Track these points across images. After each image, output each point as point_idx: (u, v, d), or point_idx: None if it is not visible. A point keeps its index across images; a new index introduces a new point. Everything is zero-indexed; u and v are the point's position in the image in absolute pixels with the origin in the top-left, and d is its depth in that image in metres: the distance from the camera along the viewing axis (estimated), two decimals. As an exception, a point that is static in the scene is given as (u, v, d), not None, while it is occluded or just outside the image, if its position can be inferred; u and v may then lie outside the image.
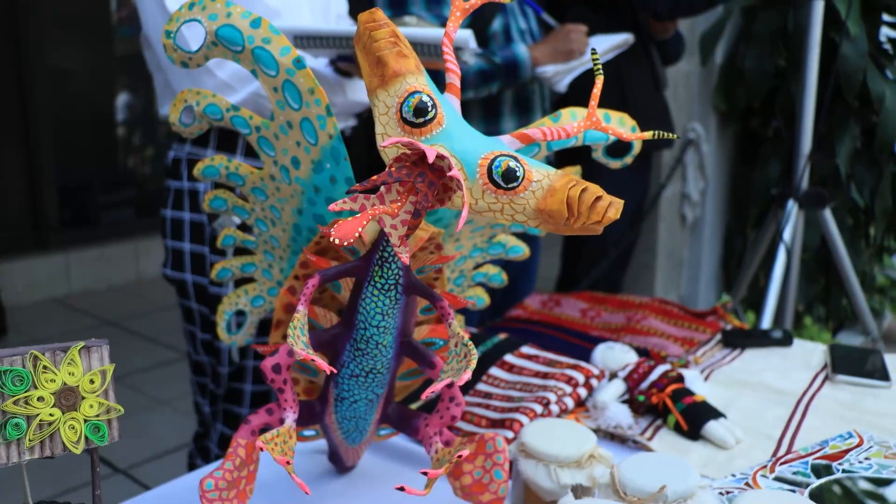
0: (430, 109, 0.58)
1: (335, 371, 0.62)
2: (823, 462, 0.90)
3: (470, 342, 0.59)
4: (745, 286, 2.56)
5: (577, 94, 1.62)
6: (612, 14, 2.09)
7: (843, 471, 0.89)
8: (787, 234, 2.32)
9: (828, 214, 2.43)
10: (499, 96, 1.71)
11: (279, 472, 0.80)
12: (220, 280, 0.87)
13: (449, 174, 0.54)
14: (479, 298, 0.95)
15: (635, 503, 0.64)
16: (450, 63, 0.62)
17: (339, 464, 0.85)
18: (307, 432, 0.84)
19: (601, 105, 0.67)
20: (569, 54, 1.64)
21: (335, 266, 0.66)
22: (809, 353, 1.31)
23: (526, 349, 1.10)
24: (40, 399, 0.58)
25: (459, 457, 0.61)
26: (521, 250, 0.93)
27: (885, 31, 3.44)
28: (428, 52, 1.20)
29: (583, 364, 1.05)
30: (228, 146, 1.26)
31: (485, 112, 1.72)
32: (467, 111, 1.67)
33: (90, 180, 4.91)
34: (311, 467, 0.89)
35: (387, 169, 0.56)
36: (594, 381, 1.03)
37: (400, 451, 0.93)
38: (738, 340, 1.33)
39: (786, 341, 1.35)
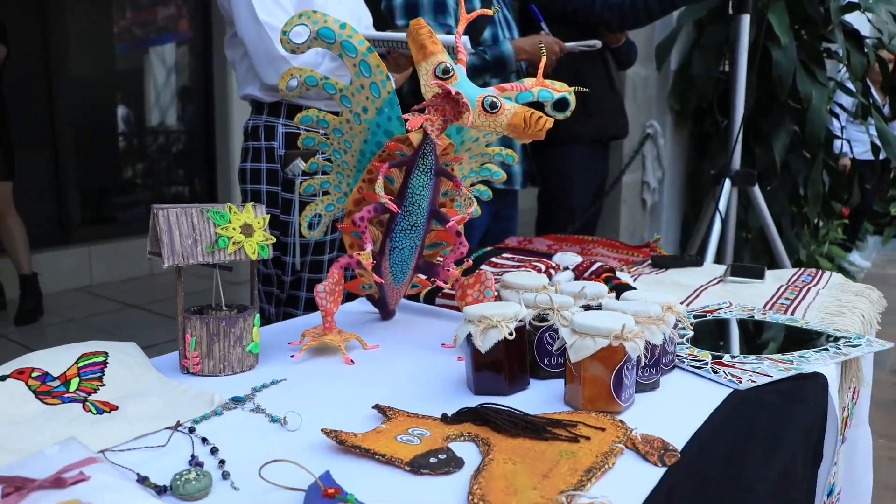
0: (450, 70, 1.06)
1: (397, 211, 1.10)
2: (702, 312, 1.39)
3: (472, 197, 1.06)
4: (693, 251, 3.07)
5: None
6: (574, 27, 2.61)
7: (713, 316, 1.37)
8: (721, 205, 2.82)
9: (756, 191, 2.93)
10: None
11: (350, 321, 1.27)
12: (307, 193, 1.34)
13: (462, 102, 1.02)
14: (484, 191, 1.40)
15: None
16: (460, 52, 1.11)
17: (384, 308, 1.32)
18: (364, 286, 1.31)
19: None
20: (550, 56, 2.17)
21: (394, 160, 1.14)
22: (714, 269, 1.80)
23: (506, 253, 1.58)
24: (234, 228, 1.06)
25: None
26: (500, 174, 1.40)
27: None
28: (399, 45, 1.71)
29: (545, 259, 1.53)
30: (293, 114, 1.74)
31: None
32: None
33: (107, 183, 5.36)
34: (364, 318, 1.36)
35: (428, 99, 1.04)
36: (552, 272, 1.51)
37: (424, 313, 1.40)
38: (662, 261, 1.82)
39: (698, 262, 1.84)
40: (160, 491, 0.72)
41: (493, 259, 1.56)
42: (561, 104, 1.28)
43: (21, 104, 4.54)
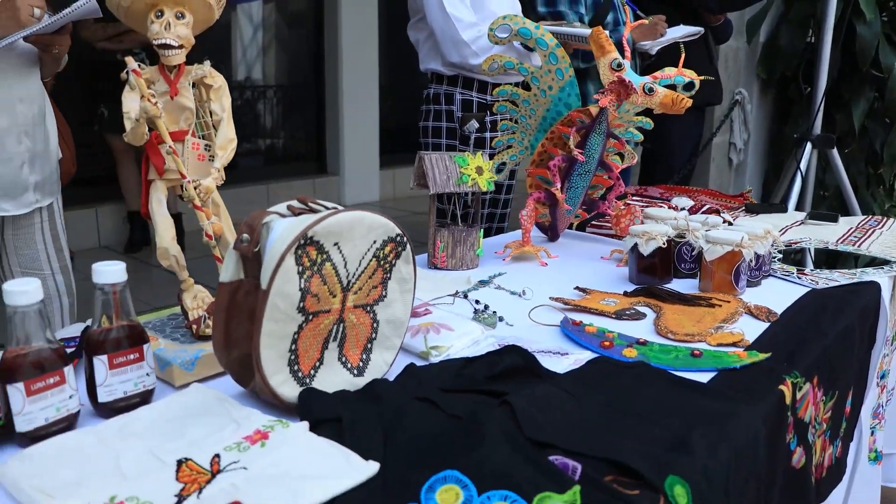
0: (622, 64, 1.53)
1: (582, 160, 1.58)
2: (789, 242, 1.85)
3: (633, 152, 1.55)
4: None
5: (660, 58, 2.59)
6: (678, 7, 3.03)
7: (797, 245, 1.82)
8: (802, 165, 3.22)
9: (835, 153, 3.31)
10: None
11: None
12: (497, 147, 1.83)
13: (631, 86, 1.50)
14: (637, 135, 1.86)
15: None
16: (626, 50, 1.58)
17: (554, 232, 1.82)
18: (541, 214, 1.80)
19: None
20: (655, 34, 2.60)
21: (577, 125, 1.62)
22: (797, 214, 2.25)
23: (634, 196, 2.06)
24: (472, 169, 1.56)
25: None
26: (639, 136, 1.87)
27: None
28: (581, 41, 2.17)
29: (665, 202, 2.00)
30: (467, 85, 2.25)
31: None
32: (590, 72, 2.64)
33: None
34: (537, 240, 1.86)
35: (607, 85, 1.52)
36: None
37: (579, 237, 1.89)
38: (754, 208, 2.27)
39: (783, 209, 2.28)
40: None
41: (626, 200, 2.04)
42: (689, 86, 1.74)
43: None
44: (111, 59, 4.45)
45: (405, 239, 0.98)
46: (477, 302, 1.34)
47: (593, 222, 1.93)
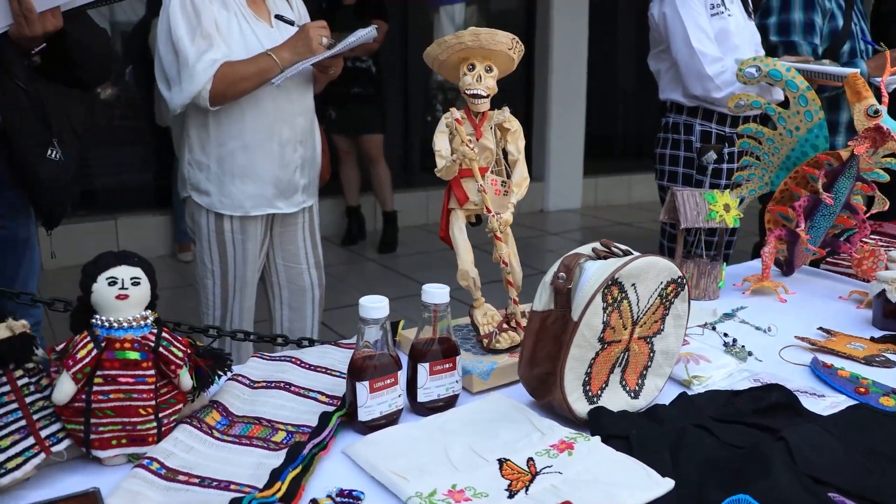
0: (879, 110, 1.56)
1: (831, 203, 1.63)
2: None
3: (885, 198, 1.58)
4: None
5: None
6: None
7: None
8: None
9: None
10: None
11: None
12: (735, 182, 1.89)
13: (888, 134, 1.53)
14: (882, 175, 1.87)
15: None
16: (884, 95, 1.60)
17: (790, 267, 1.86)
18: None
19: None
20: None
21: (825, 168, 1.66)
22: None
23: (872, 235, 2.05)
24: (720, 206, 1.65)
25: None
26: (885, 177, 1.88)
27: None
28: (830, 78, 2.18)
29: (907, 243, 1.98)
30: (707, 116, 2.33)
31: (829, 103, 2.66)
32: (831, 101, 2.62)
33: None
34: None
35: (861, 133, 1.56)
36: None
37: (813, 273, 1.92)
38: None
39: None
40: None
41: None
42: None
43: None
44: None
45: (684, 280, 1.10)
46: (725, 335, 1.43)
47: (829, 259, 1.95)
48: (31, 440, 0.89)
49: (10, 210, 1.73)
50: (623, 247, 1.08)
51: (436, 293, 1.10)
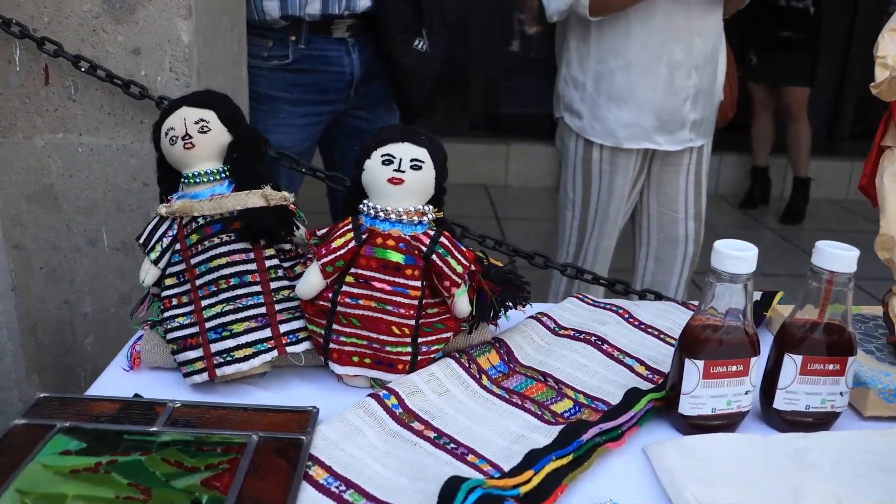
0: None
1: None
2: None
3: None
4: None
5: None
6: None
7: None
8: None
9: None
10: None
11: None
12: None
13: None
14: None
15: None
16: None
17: None
18: None
19: None
20: None
21: None
22: None
23: None
24: None
25: None
26: None
27: None
28: None
29: None
30: None
31: None
32: None
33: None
34: None
35: None
36: None
37: None
38: None
39: None
40: None
41: None
42: None
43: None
44: (774, 6, 4.24)
45: None
46: None
47: None
48: (267, 332, 0.74)
49: (370, 101, 1.68)
50: None
51: (836, 255, 0.73)
